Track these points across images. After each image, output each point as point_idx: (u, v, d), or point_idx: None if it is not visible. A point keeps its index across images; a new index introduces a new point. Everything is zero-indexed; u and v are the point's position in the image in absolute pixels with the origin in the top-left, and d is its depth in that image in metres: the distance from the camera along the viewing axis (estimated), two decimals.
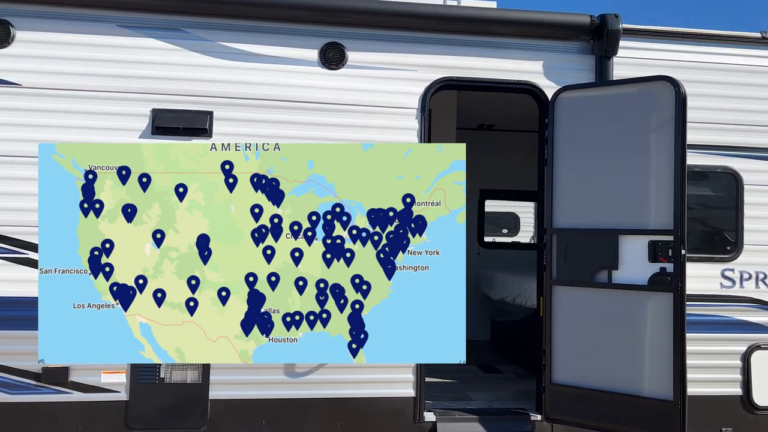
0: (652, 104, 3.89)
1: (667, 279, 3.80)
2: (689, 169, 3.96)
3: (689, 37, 4.39)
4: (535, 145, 7.51)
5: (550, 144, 4.21)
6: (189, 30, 4.02)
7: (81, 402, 3.83)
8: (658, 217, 3.85)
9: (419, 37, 4.22)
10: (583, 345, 4.06)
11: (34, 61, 3.87)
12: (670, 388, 3.74)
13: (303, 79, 4.10)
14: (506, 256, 7.83)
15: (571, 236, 4.11)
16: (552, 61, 4.34)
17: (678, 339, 3.74)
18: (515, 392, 4.95)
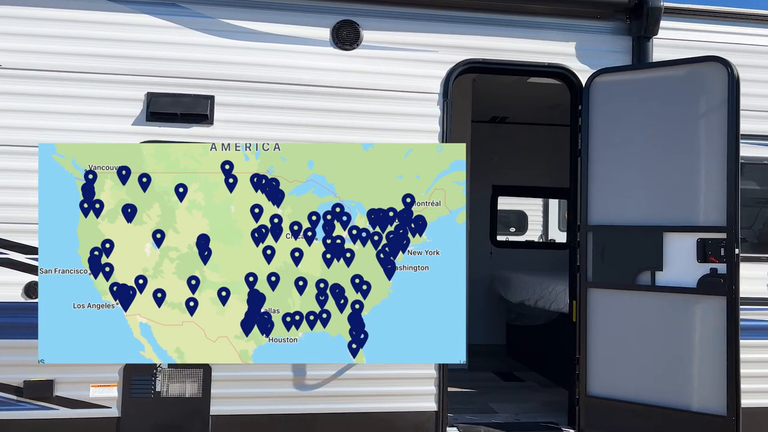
0: (701, 88, 3.54)
1: (719, 281, 3.45)
2: (741, 160, 3.60)
3: (739, 17, 4.06)
4: (551, 139, 7.22)
5: (585, 133, 3.86)
6: (188, 5, 3.66)
7: (68, 419, 3.47)
8: (708, 212, 3.51)
9: (441, 15, 3.86)
10: (623, 354, 3.71)
11: (15, 39, 3.49)
12: (723, 402, 3.41)
13: (313, 61, 3.74)
14: (520, 256, 7.47)
15: (609, 234, 3.75)
16: (585, 42, 4.00)
17: (732, 347, 3.40)
18: (541, 403, 4.60)
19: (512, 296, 5.87)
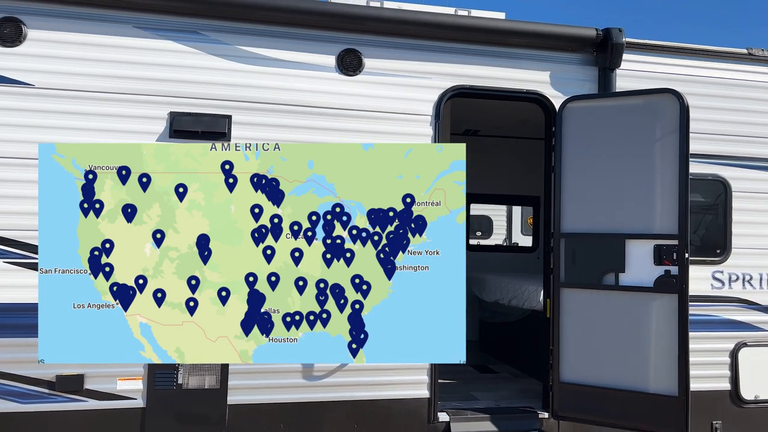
0: (656, 115, 4.09)
1: (672, 281, 4.01)
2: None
3: (690, 52, 4.64)
4: (519, 152, 7.78)
5: (558, 151, 4.38)
6: (207, 33, 4.00)
7: (97, 410, 3.76)
8: (663, 222, 4.05)
9: (433, 46, 4.32)
10: (590, 345, 4.23)
11: (48, 62, 3.77)
12: (675, 384, 3.95)
13: (321, 85, 4.14)
14: (488, 258, 8.01)
15: (578, 240, 4.28)
16: (558, 72, 4.51)
17: (682, 337, 3.95)
18: (516, 391, 5.10)
19: (487, 295, 6.39)
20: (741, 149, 4.74)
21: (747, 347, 4.69)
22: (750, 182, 4.75)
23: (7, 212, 3.69)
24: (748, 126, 4.75)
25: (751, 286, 4.73)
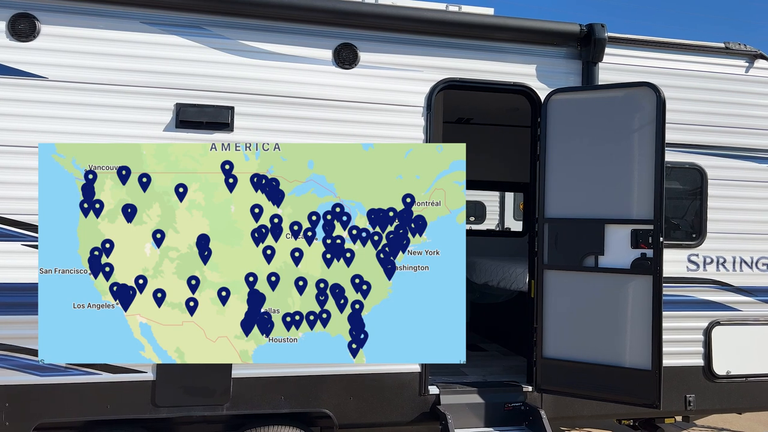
0: (635, 107, 4.34)
1: (647, 263, 4.28)
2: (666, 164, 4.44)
3: (668, 45, 4.87)
4: (510, 139, 8.02)
5: (543, 141, 4.62)
6: (210, 28, 4.21)
7: (110, 382, 4.00)
8: (639, 208, 4.32)
9: (425, 40, 4.54)
10: (572, 323, 4.51)
11: (60, 55, 3.98)
12: (648, 359, 4.24)
13: (318, 77, 4.36)
14: (481, 243, 8.27)
15: (561, 225, 4.54)
16: (543, 65, 4.75)
17: (656, 316, 4.23)
18: (504, 368, 5.40)
19: (477, 278, 6.66)
20: (717, 139, 4.99)
21: (720, 326, 4.97)
22: (725, 170, 5.01)
23: (25, 198, 3.91)
24: (725, 117, 5.00)
25: (724, 268, 5.01)
